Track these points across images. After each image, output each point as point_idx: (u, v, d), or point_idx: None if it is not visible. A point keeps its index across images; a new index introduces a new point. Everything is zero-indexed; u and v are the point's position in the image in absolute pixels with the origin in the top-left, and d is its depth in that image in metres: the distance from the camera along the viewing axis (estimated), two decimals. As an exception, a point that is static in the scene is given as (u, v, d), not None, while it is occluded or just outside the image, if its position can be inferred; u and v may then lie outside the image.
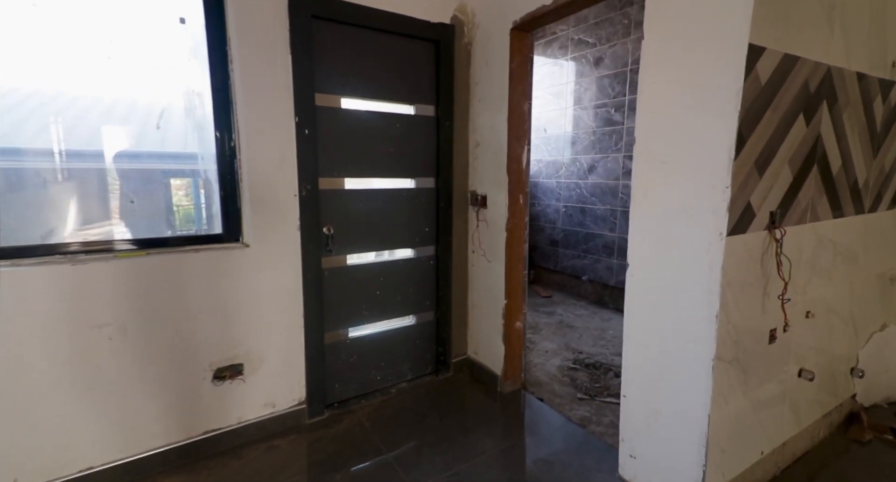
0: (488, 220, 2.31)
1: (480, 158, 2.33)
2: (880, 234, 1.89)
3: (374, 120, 2.10)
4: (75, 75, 1.61)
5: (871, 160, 1.71)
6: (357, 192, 2.10)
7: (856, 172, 1.66)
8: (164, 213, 1.81)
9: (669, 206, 1.40)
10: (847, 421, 1.96)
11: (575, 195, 4.11)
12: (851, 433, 1.92)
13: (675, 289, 1.39)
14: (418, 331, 2.38)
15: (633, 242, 1.54)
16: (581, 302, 4.07)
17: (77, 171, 1.64)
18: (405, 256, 2.31)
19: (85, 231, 1.65)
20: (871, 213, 1.77)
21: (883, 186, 1.83)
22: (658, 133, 1.42)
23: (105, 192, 1.69)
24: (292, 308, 1.93)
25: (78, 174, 1.64)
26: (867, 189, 1.72)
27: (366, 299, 2.18)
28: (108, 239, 1.65)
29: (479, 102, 2.31)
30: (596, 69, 3.84)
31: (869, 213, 1.76)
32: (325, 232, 2.00)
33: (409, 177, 2.27)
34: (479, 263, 2.42)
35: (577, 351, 2.96)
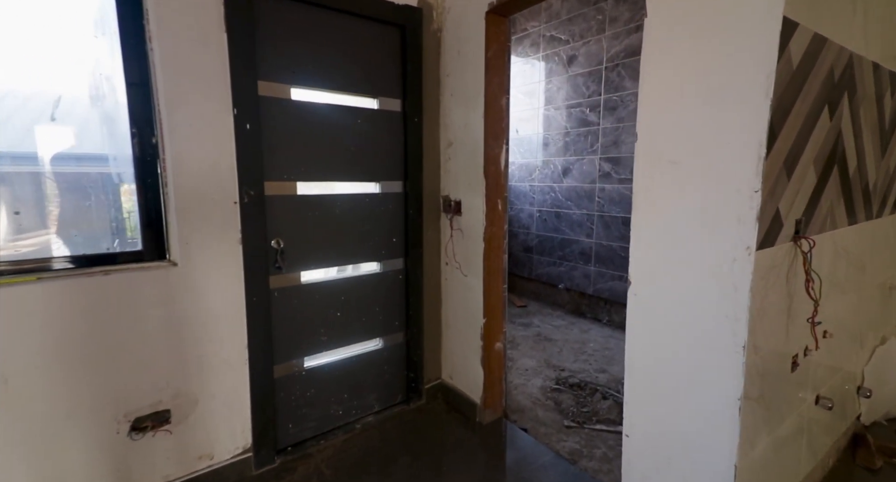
0: (463, 229, 2.06)
1: (454, 159, 2.08)
2: (884, 240, 1.79)
3: (331, 114, 1.81)
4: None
5: (880, 160, 1.59)
6: (312, 197, 1.79)
7: (867, 174, 1.53)
8: (66, 227, 1.45)
9: (681, 215, 1.19)
10: (852, 443, 1.83)
11: (549, 199, 3.94)
12: (860, 458, 1.79)
13: (691, 314, 1.18)
14: (386, 355, 2.10)
15: (636, 256, 1.33)
16: (558, 311, 3.90)
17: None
18: (370, 271, 2.03)
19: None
20: (877, 218, 1.66)
21: (888, 189, 1.72)
22: (666, 129, 1.21)
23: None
24: (233, 338, 1.61)
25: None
26: (875, 192, 1.60)
27: (324, 322, 1.87)
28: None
29: (451, 97, 2.06)
30: (569, 67, 3.69)
31: (875, 218, 1.64)
32: (274, 246, 1.68)
33: (374, 180, 1.99)
34: (453, 277, 2.16)
35: (559, 368, 2.76)
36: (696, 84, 1.13)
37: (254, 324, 1.62)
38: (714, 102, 1.09)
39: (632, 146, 3.39)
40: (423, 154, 2.08)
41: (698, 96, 1.13)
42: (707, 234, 1.13)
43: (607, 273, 3.51)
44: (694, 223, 1.16)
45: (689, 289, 1.18)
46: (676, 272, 1.21)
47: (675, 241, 1.21)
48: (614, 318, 3.53)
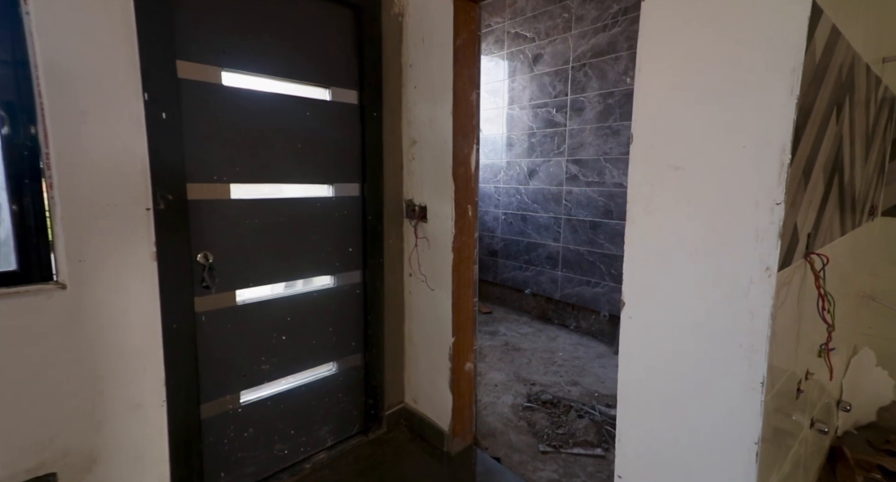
0: (430, 238, 1.84)
1: (418, 160, 1.86)
2: (861, 248, 1.76)
3: (274, 105, 1.54)
4: None
5: (864, 166, 1.54)
6: (251, 203, 1.51)
7: (856, 181, 1.47)
8: None
9: (686, 229, 1.03)
10: (829, 458, 1.79)
11: (515, 201, 3.81)
12: (840, 475, 1.74)
13: (698, 343, 1.03)
14: (341, 381, 1.84)
15: (630, 274, 1.16)
16: (524, 317, 3.77)
17: None
18: (322, 286, 1.76)
19: None
20: (858, 226, 1.61)
21: (866, 197, 1.69)
22: (667, 129, 1.05)
23: None
24: (145, 375, 1.30)
25: None
26: (858, 200, 1.55)
27: (266, 348, 1.59)
28: None
29: (414, 89, 1.84)
30: (535, 66, 3.57)
31: (857, 226, 1.60)
32: (201, 261, 1.39)
33: (326, 182, 1.73)
34: (418, 290, 1.94)
35: (530, 382, 2.61)
36: (703, 77, 0.98)
37: (173, 357, 1.32)
38: (726, 99, 0.95)
39: (599, 148, 3.34)
40: (383, 153, 1.84)
41: (707, 91, 0.98)
42: (718, 251, 0.98)
43: (575, 278, 3.41)
44: (702, 239, 1.01)
45: (696, 315, 1.03)
46: (680, 294, 1.06)
47: (679, 258, 1.05)
48: (582, 324, 3.45)
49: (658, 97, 1.07)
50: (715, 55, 0.95)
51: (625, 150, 3.01)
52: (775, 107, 0.88)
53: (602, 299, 3.25)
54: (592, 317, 3.36)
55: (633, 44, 2.92)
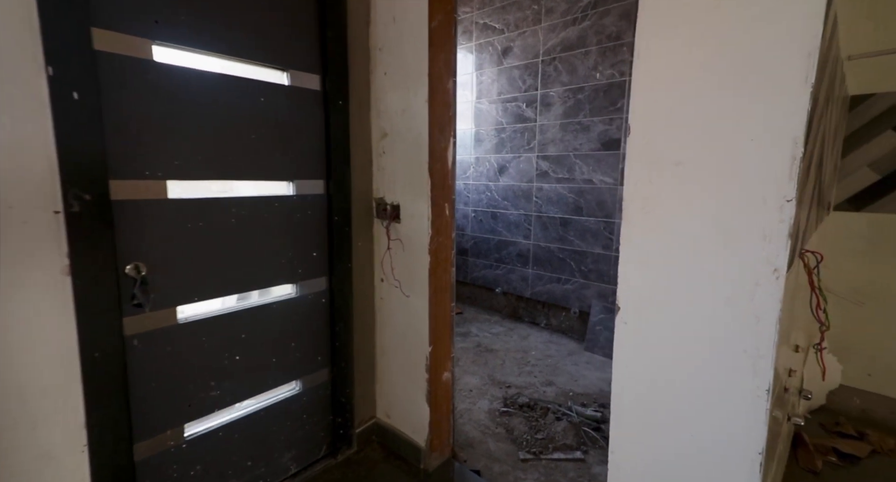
0: (404, 239, 1.68)
1: (390, 154, 1.69)
2: (820, 242, 1.78)
3: (220, 88, 1.31)
4: None
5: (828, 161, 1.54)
6: (194, 203, 1.29)
7: (825, 177, 1.46)
8: None
9: (687, 228, 0.96)
10: (791, 445, 1.82)
11: (485, 199, 3.70)
12: (802, 461, 1.78)
13: (699, 349, 0.96)
14: (306, 400, 1.65)
15: (626, 277, 1.07)
16: (495, 317, 3.69)
17: None
18: (282, 296, 1.56)
19: None
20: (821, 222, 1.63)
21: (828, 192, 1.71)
22: (668, 120, 0.96)
23: None
24: (58, 417, 1.06)
25: None
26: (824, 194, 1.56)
27: (216, 371, 1.38)
28: None
29: (384, 76, 1.66)
30: (504, 59, 3.46)
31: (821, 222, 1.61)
32: (131, 273, 1.15)
33: (285, 178, 1.52)
34: (391, 297, 1.78)
35: (505, 384, 2.52)
36: (708, 63, 0.89)
37: (96, 392, 1.09)
38: (733, 86, 0.87)
39: (569, 144, 3.29)
40: (350, 146, 1.65)
41: (712, 79, 0.89)
42: (722, 252, 0.91)
43: (545, 275, 3.36)
44: (704, 239, 0.94)
45: (697, 319, 0.96)
46: (680, 298, 0.98)
47: (679, 260, 0.97)
48: (552, 322, 3.41)
49: (658, 86, 0.98)
50: (722, 39, 0.87)
51: (594, 146, 2.98)
52: (788, 95, 0.81)
53: (572, 296, 3.22)
54: (563, 314, 3.33)
55: (602, 39, 2.88)
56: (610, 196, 2.94)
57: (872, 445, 1.84)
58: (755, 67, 0.84)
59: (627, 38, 2.75)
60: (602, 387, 2.51)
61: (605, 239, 2.99)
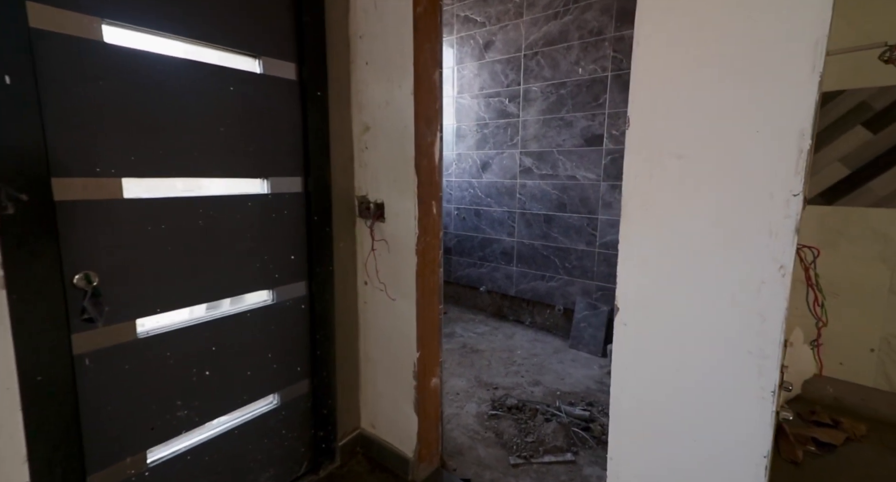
0: (389, 239, 1.59)
1: (372, 149, 1.59)
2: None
3: (184, 74, 1.18)
4: None
5: None
6: (155, 203, 1.16)
7: None
8: None
9: (689, 225, 0.92)
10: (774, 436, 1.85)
11: (468, 196, 3.63)
12: (784, 452, 1.79)
13: (701, 350, 0.93)
14: (285, 415, 1.54)
15: (625, 276, 1.03)
16: (479, 315, 3.63)
17: None
18: (257, 304, 1.44)
19: None
20: None
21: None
22: (670, 112, 0.92)
23: None
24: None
25: None
26: None
27: (184, 389, 1.25)
28: None
29: (366, 66, 1.56)
30: (486, 53, 3.39)
31: None
32: (80, 284, 1.02)
33: (259, 176, 1.40)
34: (375, 300, 1.68)
35: (492, 385, 2.46)
36: (713, 51, 0.85)
37: (39, 420, 0.95)
38: (738, 76, 0.83)
39: (552, 140, 3.25)
40: (329, 140, 1.54)
41: (716, 68, 0.85)
42: (725, 250, 0.88)
43: (530, 273, 3.32)
44: (707, 236, 0.90)
45: (699, 320, 0.93)
46: (681, 298, 0.94)
47: (681, 258, 0.93)
48: (537, 320, 3.38)
49: (658, 76, 0.93)
50: (726, 26, 0.83)
51: (577, 142, 2.95)
52: (795, 85, 0.78)
53: (557, 293, 3.19)
54: (547, 311, 3.30)
55: (584, 34, 2.84)
56: (593, 192, 2.91)
57: (846, 433, 1.89)
58: (761, 56, 0.80)
59: (609, 33, 2.72)
60: (588, 384, 2.49)
61: (588, 235, 2.96)
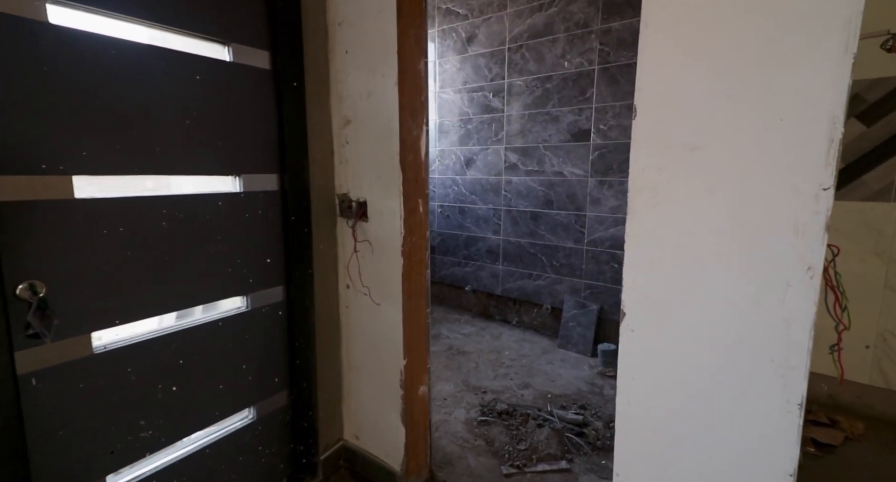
0: (373, 240, 1.49)
1: (354, 144, 1.49)
2: None
3: (143, 60, 1.06)
4: None
5: None
6: (112, 204, 1.03)
7: None
8: None
9: (703, 222, 0.86)
10: None
11: (452, 193, 3.55)
12: None
13: (718, 359, 0.87)
14: (262, 429, 1.43)
15: (631, 279, 0.96)
16: (465, 316, 3.57)
17: None
18: (231, 311, 1.33)
19: None
20: None
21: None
22: (683, 98, 0.85)
23: None
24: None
25: None
26: None
27: (148, 407, 1.13)
28: None
29: (346, 54, 1.46)
30: (469, 46, 3.30)
31: None
32: (25, 296, 0.90)
33: (230, 173, 1.29)
34: (359, 305, 1.58)
35: (481, 390, 2.39)
36: (731, 30, 0.78)
37: (-18, 451, 0.83)
38: (760, 58, 0.77)
39: (538, 136, 3.19)
40: (307, 135, 1.44)
41: (735, 48, 0.79)
42: (745, 249, 0.82)
43: (516, 271, 3.27)
44: (725, 234, 0.84)
45: (716, 326, 0.86)
46: (696, 302, 0.88)
47: (695, 258, 0.87)
48: (524, 319, 3.33)
49: (671, 58, 0.86)
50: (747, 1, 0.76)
51: (564, 137, 2.90)
52: (825, 68, 0.72)
53: (544, 292, 3.14)
54: (535, 310, 3.26)
55: (570, 26, 2.79)
56: (581, 188, 2.87)
57: (845, 432, 1.88)
58: (786, 36, 0.74)
59: (595, 26, 2.67)
60: (580, 386, 2.45)
61: (576, 233, 2.92)
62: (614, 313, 2.82)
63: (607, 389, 2.40)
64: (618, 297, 2.79)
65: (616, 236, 2.74)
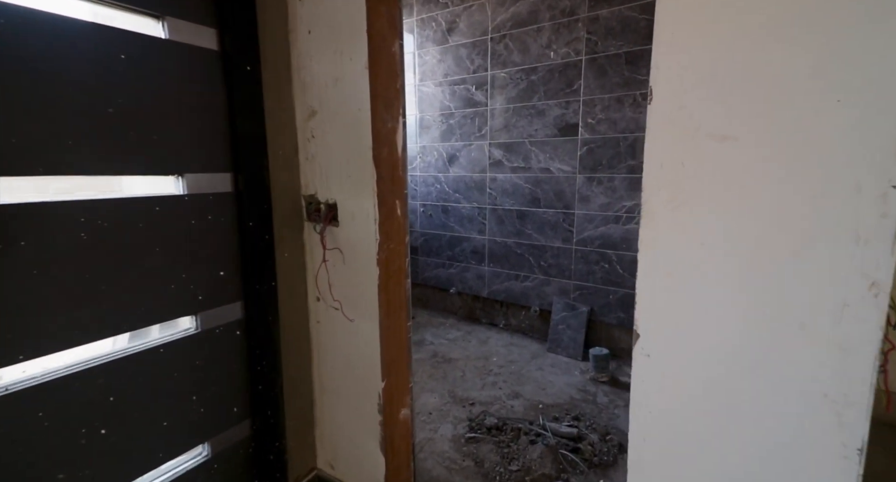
0: (344, 248, 1.32)
1: (321, 138, 1.31)
2: None
3: (45, 32, 0.86)
4: None
5: None
6: (8, 210, 0.83)
7: None
8: None
9: (737, 228, 0.71)
10: None
11: (435, 191, 3.38)
12: None
13: (754, 392, 0.73)
14: (218, 467, 1.24)
15: (647, 293, 0.82)
16: (450, 319, 3.41)
17: None
18: (174, 335, 1.13)
19: None
20: None
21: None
22: (711, 78, 0.70)
23: None
24: None
25: None
26: None
27: (67, 458, 0.94)
28: None
29: (308, 35, 1.27)
30: (450, 36, 3.13)
31: None
32: None
33: (170, 172, 1.09)
34: (331, 320, 1.41)
35: (468, 401, 2.24)
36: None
37: None
38: (811, 24, 0.62)
39: (523, 130, 3.04)
40: (266, 128, 1.25)
41: (779, 14, 0.64)
42: (790, 261, 0.68)
43: (503, 273, 3.13)
44: (763, 243, 0.70)
45: (752, 353, 0.72)
46: (727, 323, 0.74)
47: (726, 271, 0.73)
48: (512, 322, 3.19)
49: (696, 29, 0.71)
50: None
51: (551, 132, 2.76)
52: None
53: (532, 293, 3.01)
54: (523, 313, 3.12)
55: (555, 14, 2.64)
56: (569, 186, 2.74)
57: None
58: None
59: (582, 13, 2.53)
60: (572, 394, 2.32)
61: (564, 231, 2.79)
62: (605, 315, 2.70)
63: (600, 397, 2.28)
64: (608, 298, 2.67)
65: (606, 235, 2.62)
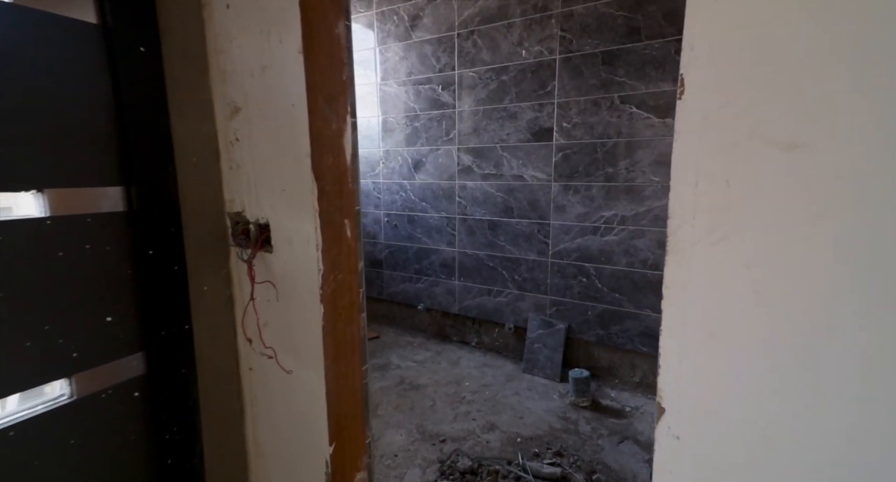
0: (278, 280, 1.04)
1: (247, 141, 1.03)
2: None
3: None
4: None
5: None
6: None
7: None
8: None
9: (806, 267, 0.51)
10: None
11: (400, 200, 3.12)
12: None
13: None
14: None
15: (676, 356, 0.61)
16: (418, 338, 3.15)
17: None
18: (34, 408, 0.83)
19: None
20: None
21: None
22: (765, 67, 0.50)
23: None
24: None
25: None
26: None
27: None
28: None
29: (227, 10, 1.00)
30: (413, 32, 2.90)
31: None
32: None
33: (22, 186, 0.79)
34: (264, 367, 1.13)
35: (438, 437, 1.99)
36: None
37: None
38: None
39: (494, 134, 2.83)
40: (171, 127, 0.96)
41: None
42: (881, 313, 0.48)
43: (474, 287, 2.91)
44: (845, 288, 0.50)
45: (833, 438, 0.52)
46: (793, 397, 0.54)
47: (793, 326, 0.53)
48: (484, 340, 2.98)
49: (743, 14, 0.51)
50: None
51: (523, 136, 2.57)
52: None
53: (506, 309, 2.81)
54: (496, 330, 2.91)
55: (527, 9, 2.46)
56: (543, 194, 2.56)
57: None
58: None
59: (556, 9, 2.37)
60: (551, 422, 2.12)
61: (539, 243, 2.61)
62: (583, 332, 2.53)
63: (582, 425, 2.09)
64: (586, 315, 2.50)
65: (584, 247, 2.45)
